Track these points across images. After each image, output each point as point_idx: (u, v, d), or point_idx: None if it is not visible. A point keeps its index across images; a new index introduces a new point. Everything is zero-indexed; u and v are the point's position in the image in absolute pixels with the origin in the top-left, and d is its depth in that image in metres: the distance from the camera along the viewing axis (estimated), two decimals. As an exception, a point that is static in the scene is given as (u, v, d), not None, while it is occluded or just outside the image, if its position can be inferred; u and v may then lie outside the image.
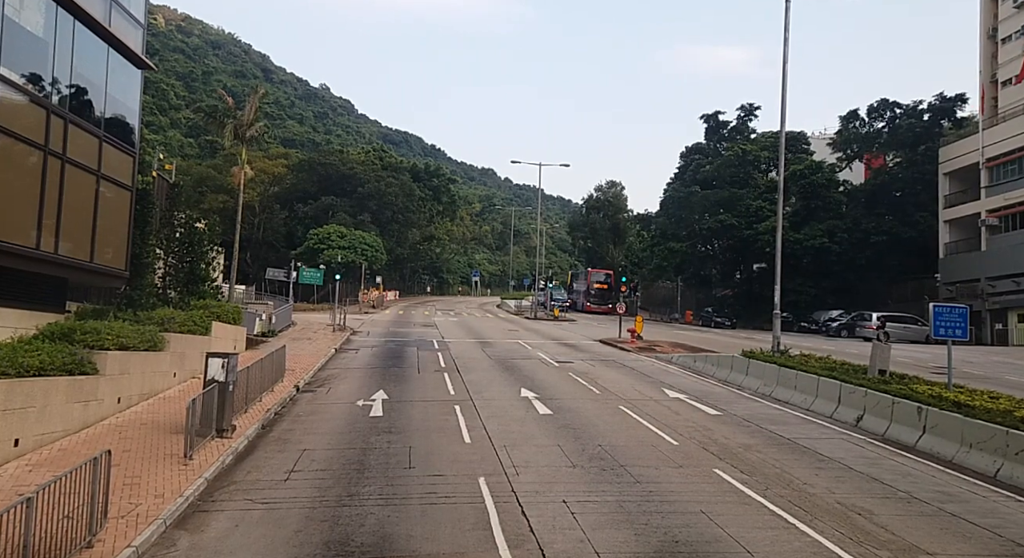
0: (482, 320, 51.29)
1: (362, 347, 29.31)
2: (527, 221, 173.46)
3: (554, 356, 27.39)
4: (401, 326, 41.35)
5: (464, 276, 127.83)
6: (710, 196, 54.52)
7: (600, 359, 27.05)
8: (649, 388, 20.11)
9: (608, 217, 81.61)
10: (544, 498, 10.01)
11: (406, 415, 15.66)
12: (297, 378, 20.19)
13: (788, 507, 9.85)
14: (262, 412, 15.41)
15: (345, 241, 62.39)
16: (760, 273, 60.43)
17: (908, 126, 49.75)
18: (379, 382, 20.10)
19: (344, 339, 31.65)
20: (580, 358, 27.08)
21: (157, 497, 9.69)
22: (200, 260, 22.06)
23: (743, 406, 17.74)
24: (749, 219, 53.80)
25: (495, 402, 17.31)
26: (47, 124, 13.72)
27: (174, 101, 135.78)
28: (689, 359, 25.64)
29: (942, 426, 12.96)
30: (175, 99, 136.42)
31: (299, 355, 25.03)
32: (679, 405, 17.60)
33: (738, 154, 55.10)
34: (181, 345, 18.10)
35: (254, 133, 33.52)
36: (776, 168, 60.53)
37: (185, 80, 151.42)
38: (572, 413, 16.13)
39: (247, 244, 76.14)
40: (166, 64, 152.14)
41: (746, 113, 59.49)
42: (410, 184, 78.56)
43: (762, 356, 20.69)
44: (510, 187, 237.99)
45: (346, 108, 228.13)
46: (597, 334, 39.38)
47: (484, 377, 21.48)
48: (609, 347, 31.96)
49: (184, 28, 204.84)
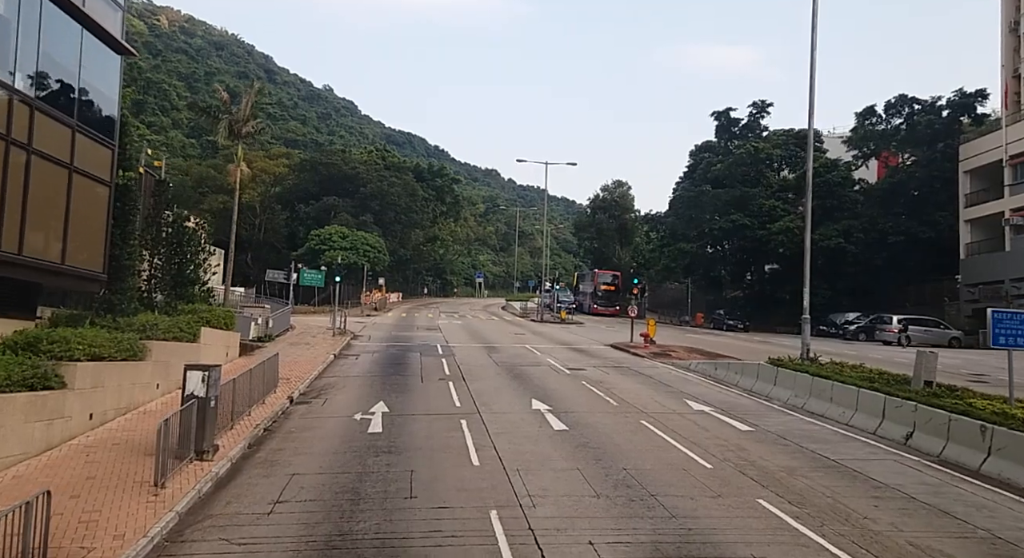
0: (487, 323, 49.88)
1: (363, 352, 27.93)
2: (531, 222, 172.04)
3: (564, 362, 25.96)
4: (404, 330, 39.98)
5: (468, 278, 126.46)
6: (721, 195, 52.97)
7: (613, 366, 25.60)
8: (670, 399, 18.67)
9: (614, 217, 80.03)
10: (567, 537, 8.59)
11: (408, 431, 14.26)
12: (292, 388, 18.81)
13: (854, 550, 8.40)
14: (250, 428, 14.03)
15: (347, 242, 61.06)
16: (772, 275, 58.89)
17: (927, 123, 48.14)
18: (379, 392, 18.71)
19: (344, 344, 30.28)
20: (592, 364, 25.64)
21: (116, 538, 8.29)
22: (190, 261, 20.70)
23: (775, 420, 16.28)
24: (762, 219, 52.26)
25: (505, 416, 15.90)
26: (9, 110, 12.36)
27: (176, 101, 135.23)
28: (709, 366, 24.18)
29: (1012, 448, 11.49)
30: (177, 99, 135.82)
31: (296, 361, 23.68)
32: (706, 419, 16.15)
33: (750, 152, 53.48)
34: (165, 353, 16.74)
35: (250, 130, 32.15)
36: (790, 166, 59.14)
37: (187, 80, 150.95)
38: (590, 429, 14.70)
39: (248, 245, 74.92)
40: (168, 65, 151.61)
41: (758, 110, 57.91)
42: (413, 184, 77.22)
43: (791, 364, 19.22)
44: (514, 188, 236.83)
45: (349, 109, 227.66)
46: (607, 338, 37.94)
47: (492, 386, 20.07)
48: (621, 352, 30.50)
49: (187, 29, 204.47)
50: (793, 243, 49.89)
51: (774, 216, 51.95)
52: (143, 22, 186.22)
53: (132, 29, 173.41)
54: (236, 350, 23.52)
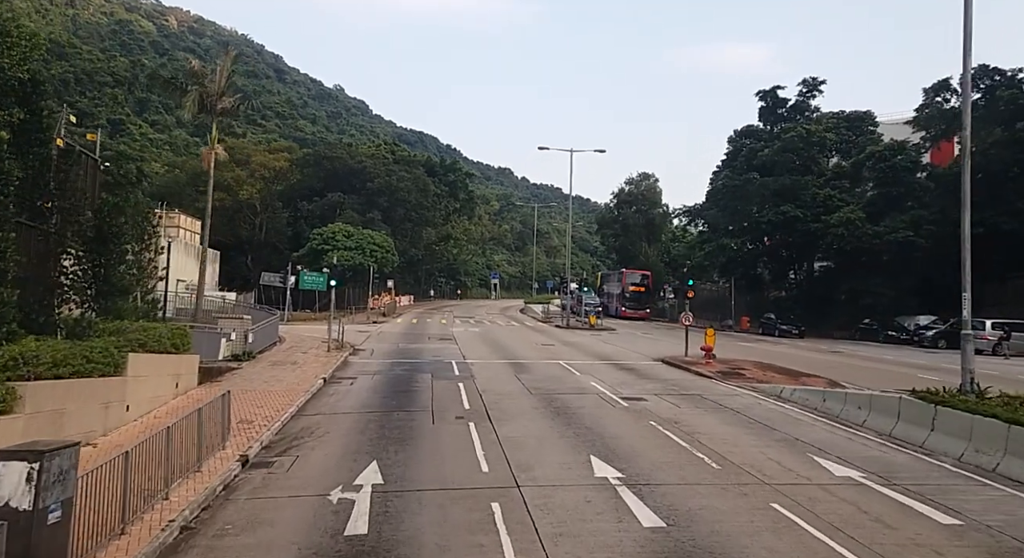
0: (508, 330, 44.38)
1: (361, 374, 22.52)
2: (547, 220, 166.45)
3: (615, 387, 20.38)
4: (413, 340, 34.56)
5: (483, 278, 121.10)
6: (769, 184, 47.00)
7: (680, 393, 19.95)
8: (790, 455, 13.01)
9: (641, 212, 74.01)
10: None
11: (409, 532, 8.78)
12: (251, 439, 13.42)
13: None
14: (157, 528, 8.63)
15: (352, 241, 55.76)
16: (823, 273, 52.89)
17: (1009, 97, 41.93)
18: (374, 444, 13.29)
19: (340, 362, 24.88)
20: (652, 391, 20.03)
21: None
22: (117, 263, 15.40)
23: (977, 500, 10.57)
24: (816, 210, 46.30)
25: (558, 493, 10.37)
26: None
27: None
28: (810, 395, 18.46)
29: None
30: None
31: (271, 391, 18.29)
32: (869, 499, 10.47)
33: (802, 135, 47.33)
34: (56, 398, 11.41)
35: (227, 105, 26.78)
36: (841, 153, 52.88)
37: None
38: (698, 524, 9.11)
39: (248, 246, 69.81)
40: (175, 63, 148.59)
41: (809, 88, 51.62)
42: (424, 178, 71.78)
43: (957, 401, 13.49)
44: (527, 186, 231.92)
45: (360, 108, 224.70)
46: (652, 349, 32.29)
47: (529, 431, 14.56)
48: (679, 370, 24.85)
49: (196, 29, 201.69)
50: (855, 236, 43.95)
51: (830, 206, 45.94)
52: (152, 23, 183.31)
53: (140, 29, 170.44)
54: (193, 378, 18.18)
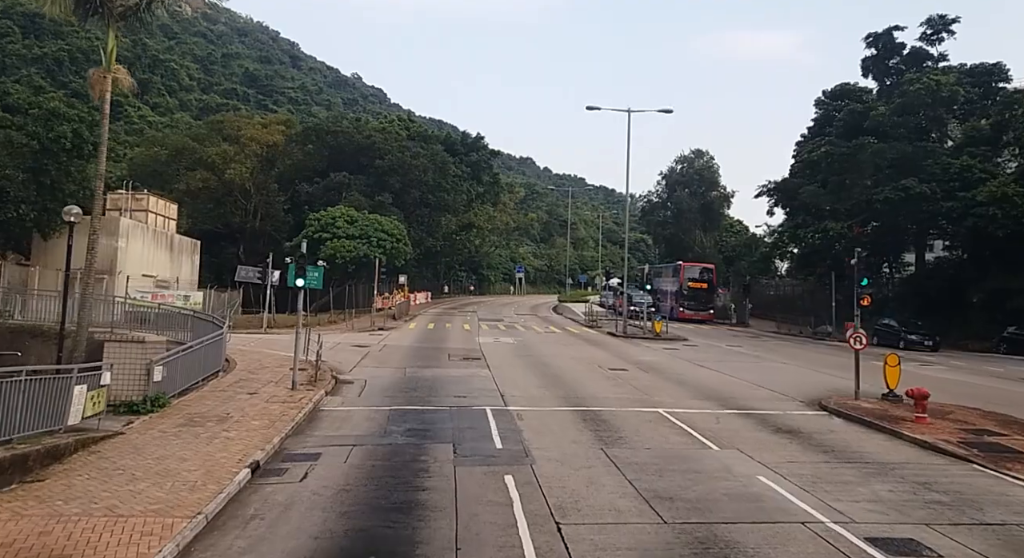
0: (550, 341, 34.43)
1: (329, 445, 12.70)
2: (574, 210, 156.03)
3: (808, 487, 10.31)
4: (427, 362, 24.63)
5: (507, 272, 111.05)
6: (885, 151, 36.38)
7: (931, 501, 9.82)
8: None
9: (696, 195, 63.10)
10: None
11: None
12: None
13: None
14: None
15: (356, 228, 46.00)
16: (945, 265, 42.16)
17: None
18: None
19: (303, 414, 14.92)
20: (896, 504, 9.93)
21: None
22: None
23: None
24: (949, 185, 35.68)
25: None
26: None
27: (186, 82, 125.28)
28: None
29: None
30: (187, 80, 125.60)
31: (131, 513, 8.40)
32: None
33: (930, 88, 36.46)
34: None
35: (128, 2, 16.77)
36: (961, 117, 42.32)
37: (203, 62, 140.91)
38: None
39: (240, 235, 60.57)
40: (183, 46, 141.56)
41: (935, 30, 40.40)
42: (443, 155, 61.66)
43: None
44: (549, 177, 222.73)
45: (378, 96, 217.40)
46: (770, 379, 22.07)
47: None
48: (879, 433, 14.56)
49: (210, 16, 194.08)
50: (1010, 217, 33.28)
51: (968, 181, 35.30)
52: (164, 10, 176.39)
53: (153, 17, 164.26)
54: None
